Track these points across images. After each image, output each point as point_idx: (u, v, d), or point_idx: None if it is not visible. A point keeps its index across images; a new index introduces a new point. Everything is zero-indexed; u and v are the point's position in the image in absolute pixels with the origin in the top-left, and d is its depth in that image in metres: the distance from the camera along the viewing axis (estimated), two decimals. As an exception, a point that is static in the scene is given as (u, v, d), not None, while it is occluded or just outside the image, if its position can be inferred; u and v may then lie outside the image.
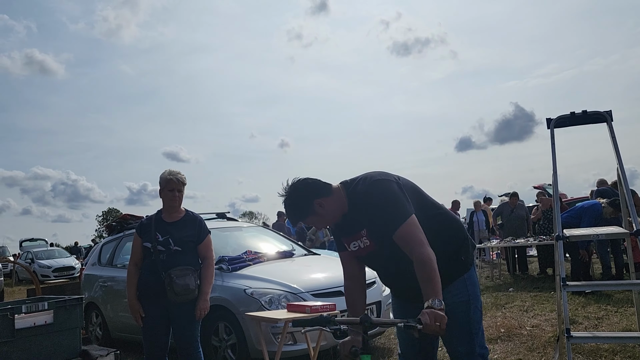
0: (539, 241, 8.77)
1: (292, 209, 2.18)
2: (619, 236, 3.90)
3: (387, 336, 5.43)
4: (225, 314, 4.46)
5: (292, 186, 2.17)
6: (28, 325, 2.97)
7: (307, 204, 2.15)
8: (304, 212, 2.17)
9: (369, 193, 2.15)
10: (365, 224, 2.18)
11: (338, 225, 2.29)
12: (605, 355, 4.18)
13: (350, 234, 2.25)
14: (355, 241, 2.24)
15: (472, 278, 2.28)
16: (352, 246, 2.26)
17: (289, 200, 2.17)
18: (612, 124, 3.65)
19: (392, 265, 2.24)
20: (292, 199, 2.16)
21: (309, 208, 2.15)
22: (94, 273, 6.29)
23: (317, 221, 2.22)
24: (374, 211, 2.12)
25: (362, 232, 2.20)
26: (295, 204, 2.17)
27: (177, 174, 3.53)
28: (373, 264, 2.33)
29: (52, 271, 18.92)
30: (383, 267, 2.33)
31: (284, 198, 2.18)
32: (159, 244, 3.42)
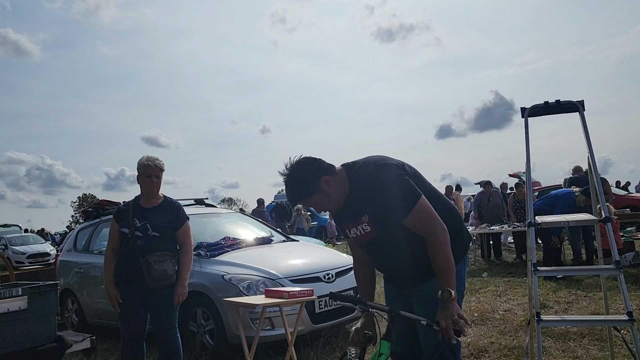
0: (513, 228, 8.95)
1: (298, 184, 2.07)
2: (589, 223, 4.01)
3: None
4: (203, 299, 4.47)
5: (298, 162, 2.08)
6: (2, 311, 2.93)
7: (314, 180, 2.07)
8: (310, 189, 2.07)
9: (374, 178, 2.08)
10: (367, 209, 2.13)
11: (339, 212, 2.24)
12: (574, 338, 4.33)
13: (350, 220, 2.21)
14: (355, 227, 2.21)
15: (459, 271, 2.19)
16: (352, 233, 2.23)
17: (294, 175, 2.08)
18: (584, 113, 3.72)
19: (388, 253, 2.23)
20: (298, 174, 2.07)
21: (315, 185, 2.07)
22: (69, 259, 6.21)
23: (322, 201, 2.12)
24: (379, 196, 2.06)
25: (363, 218, 2.16)
26: (301, 180, 2.07)
27: (155, 159, 3.50)
28: (370, 251, 2.30)
29: (27, 257, 18.60)
30: (379, 256, 2.30)
31: (287, 175, 2.09)
32: (136, 230, 3.41)
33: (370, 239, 2.19)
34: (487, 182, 10.60)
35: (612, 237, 3.19)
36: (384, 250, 2.23)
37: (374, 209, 2.11)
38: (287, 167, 2.10)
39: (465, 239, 2.32)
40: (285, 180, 2.11)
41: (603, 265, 4.02)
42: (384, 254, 2.26)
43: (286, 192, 2.15)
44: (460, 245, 2.25)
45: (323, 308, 4.54)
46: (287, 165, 2.10)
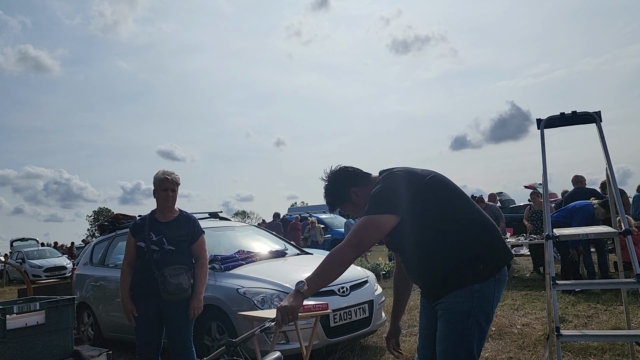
0: (530, 240, 8.83)
1: (329, 194, 2.31)
2: (608, 235, 3.94)
3: (379, 335, 5.46)
4: (217, 313, 4.46)
5: (332, 173, 2.31)
6: (20, 325, 2.96)
7: (344, 192, 2.28)
8: (340, 199, 2.29)
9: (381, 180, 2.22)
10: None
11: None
12: (595, 353, 4.24)
13: None
14: None
15: (485, 291, 2.06)
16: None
17: (328, 186, 2.31)
18: (601, 124, 3.68)
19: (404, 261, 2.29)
20: (330, 185, 2.30)
21: (345, 195, 2.28)
22: (85, 273, 6.27)
23: (351, 209, 2.32)
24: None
25: None
26: (332, 190, 2.30)
27: (171, 173, 3.53)
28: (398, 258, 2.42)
29: (44, 271, 18.78)
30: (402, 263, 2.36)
31: (325, 183, 2.32)
32: (152, 244, 3.43)
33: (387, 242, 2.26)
34: (479, 199, 10.57)
35: (632, 250, 3.13)
36: (401, 257, 2.32)
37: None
38: (326, 175, 2.33)
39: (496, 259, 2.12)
40: (324, 187, 2.33)
41: (624, 278, 3.94)
42: (402, 262, 2.32)
43: (325, 199, 2.36)
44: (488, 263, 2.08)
45: (338, 322, 4.51)
46: (326, 174, 2.33)
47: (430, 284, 2.20)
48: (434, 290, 2.19)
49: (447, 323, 2.08)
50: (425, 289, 2.29)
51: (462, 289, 2.05)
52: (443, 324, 2.11)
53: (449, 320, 2.07)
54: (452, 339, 2.07)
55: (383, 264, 11.33)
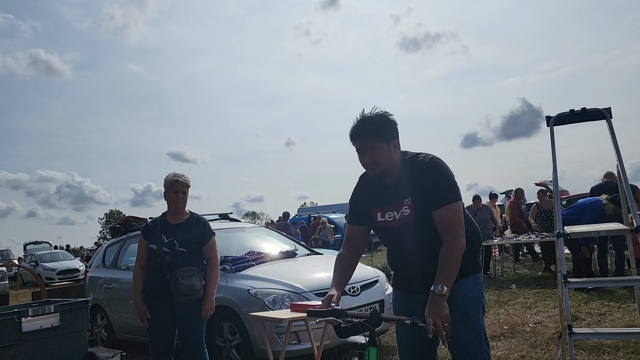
0: (541, 238, 8.78)
1: (377, 124, 2.11)
2: (620, 232, 3.92)
3: (390, 334, 5.45)
4: (229, 314, 4.49)
5: (386, 112, 2.15)
6: (35, 328, 3.00)
7: (390, 133, 2.13)
8: (383, 135, 2.11)
9: (429, 163, 2.14)
10: (413, 191, 2.15)
11: (376, 194, 2.26)
12: (608, 351, 4.20)
13: (390, 202, 2.22)
14: (393, 211, 2.21)
15: (481, 279, 2.33)
16: (387, 216, 2.22)
17: (379, 116, 2.12)
18: (611, 121, 3.66)
19: (416, 245, 2.20)
20: (383, 118, 2.12)
21: (388, 136, 2.13)
22: (98, 275, 6.33)
23: (382, 154, 2.13)
24: (431, 179, 2.11)
25: (405, 201, 2.17)
26: (382, 123, 2.12)
27: (182, 176, 3.56)
28: (397, 239, 2.27)
29: (57, 274, 18.97)
30: (406, 248, 2.24)
31: (371, 113, 2.13)
32: (164, 246, 3.46)
33: (405, 223, 2.17)
34: (476, 197, 10.56)
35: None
36: (414, 241, 2.20)
37: (419, 192, 2.13)
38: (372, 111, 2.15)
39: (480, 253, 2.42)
40: (365, 115, 2.14)
41: (637, 276, 3.91)
42: (412, 246, 2.22)
43: (359, 125, 2.13)
44: (479, 256, 2.33)
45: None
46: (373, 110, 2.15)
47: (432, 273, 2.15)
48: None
49: (459, 307, 2.13)
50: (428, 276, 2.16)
51: (470, 277, 2.22)
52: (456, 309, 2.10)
53: (460, 304, 2.15)
54: (470, 327, 2.19)
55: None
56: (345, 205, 15.32)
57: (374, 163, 2.14)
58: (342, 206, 23.31)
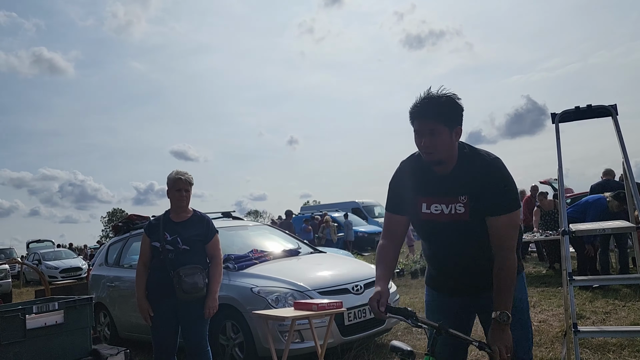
0: (546, 236, 8.75)
1: (445, 106, 1.93)
2: (625, 230, 3.90)
3: (394, 333, 5.44)
4: (232, 312, 4.48)
5: (455, 95, 1.98)
6: (39, 325, 3.00)
7: (456, 118, 1.96)
8: (448, 118, 1.93)
9: (494, 164, 2.00)
10: (472, 190, 1.99)
11: (425, 182, 2.07)
12: (613, 349, 4.18)
13: (441, 194, 2.03)
14: (442, 204, 2.03)
15: (524, 276, 2.22)
16: (434, 208, 2.05)
17: (448, 98, 1.95)
18: (617, 118, 3.64)
19: (465, 247, 2.06)
20: (451, 101, 1.95)
21: (453, 122, 1.95)
22: (101, 273, 6.33)
23: (443, 139, 1.95)
24: (493, 182, 1.96)
25: (461, 198, 2.00)
26: (449, 106, 1.94)
27: (185, 174, 3.56)
28: (441, 236, 2.09)
29: (60, 272, 19.01)
30: (449, 245, 2.08)
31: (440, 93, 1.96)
32: (167, 243, 3.45)
33: (456, 221, 2.01)
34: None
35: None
36: (464, 242, 2.05)
37: (477, 192, 1.98)
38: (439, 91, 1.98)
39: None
40: (432, 94, 1.96)
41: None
42: (461, 247, 2.06)
43: (422, 103, 1.96)
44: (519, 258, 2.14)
45: (352, 320, 4.50)
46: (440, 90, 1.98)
47: (479, 274, 2.07)
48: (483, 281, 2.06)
49: (515, 312, 2.02)
50: (473, 278, 2.10)
51: (518, 276, 2.10)
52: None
53: (516, 309, 2.04)
54: (522, 331, 2.11)
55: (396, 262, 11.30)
56: (348, 204, 15.47)
57: (432, 147, 1.95)
58: (345, 204, 23.30)
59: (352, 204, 24.00)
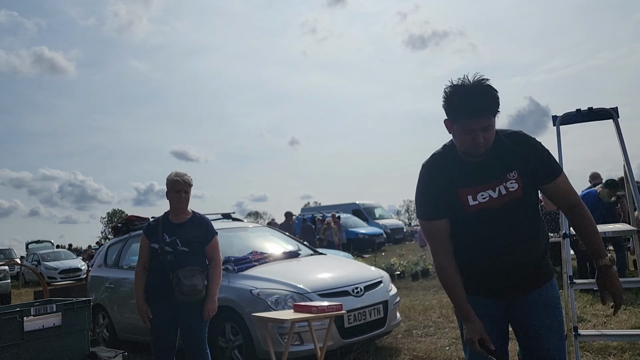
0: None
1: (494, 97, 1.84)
2: (626, 234, 3.88)
3: (394, 336, 5.42)
4: (231, 314, 4.47)
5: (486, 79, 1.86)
6: (37, 327, 2.98)
7: (496, 107, 1.86)
8: (494, 109, 1.84)
9: (527, 136, 1.97)
10: (518, 164, 1.91)
11: (464, 174, 1.95)
12: (614, 353, 4.16)
13: (487, 180, 1.92)
14: (488, 189, 1.92)
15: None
16: (481, 197, 1.92)
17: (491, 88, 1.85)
18: (618, 120, 3.63)
19: (519, 228, 1.93)
20: (494, 88, 1.86)
21: (496, 110, 1.86)
22: (100, 275, 6.31)
23: (493, 132, 1.87)
24: (535, 151, 1.92)
25: (510, 175, 1.91)
26: (492, 96, 1.84)
27: (183, 175, 3.54)
28: (493, 225, 1.93)
29: (59, 273, 18.99)
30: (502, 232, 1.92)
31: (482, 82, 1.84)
32: (166, 245, 3.44)
33: (510, 202, 1.90)
34: None
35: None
36: (518, 223, 1.92)
37: (524, 165, 1.91)
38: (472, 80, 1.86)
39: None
40: (478, 88, 1.83)
41: (643, 277, 3.87)
42: (515, 230, 1.92)
43: (476, 101, 1.81)
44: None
45: (352, 323, 4.48)
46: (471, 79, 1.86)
47: (537, 265, 1.99)
48: (535, 276, 1.99)
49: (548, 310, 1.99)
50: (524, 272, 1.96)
51: (554, 276, 2.08)
52: (545, 313, 1.99)
53: (549, 305, 2.00)
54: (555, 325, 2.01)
55: (397, 264, 11.28)
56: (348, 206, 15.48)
57: (484, 143, 1.85)
58: (346, 206, 23.30)
59: (353, 205, 24.01)
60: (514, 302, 2.03)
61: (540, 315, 1.98)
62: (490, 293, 2.01)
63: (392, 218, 28.69)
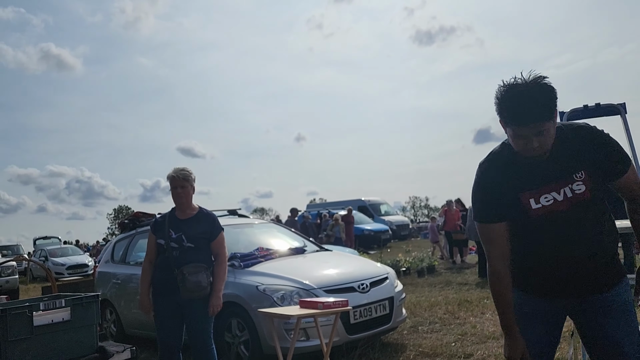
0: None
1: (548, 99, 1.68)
2: (630, 230, 3.86)
3: (399, 332, 5.43)
4: (237, 310, 4.49)
5: (543, 77, 1.71)
6: (46, 322, 3.01)
7: (554, 105, 1.71)
8: (552, 111, 1.69)
9: (594, 130, 1.81)
10: (584, 164, 1.78)
11: (524, 176, 1.82)
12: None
13: (550, 181, 1.80)
14: (552, 192, 1.80)
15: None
16: (544, 200, 1.80)
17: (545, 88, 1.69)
18: (626, 116, 3.61)
19: (588, 231, 1.80)
20: (549, 89, 1.69)
21: (555, 110, 1.72)
22: (107, 270, 6.36)
23: (550, 135, 1.72)
24: (603, 146, 1.77)
25: (577, 175, 1.78)
26: (551, 96, 1.69)
27: (180, 170, 3.53)
28: (557, 229, 1.80)
29: (66, 269, 19.11)
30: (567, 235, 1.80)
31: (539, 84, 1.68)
32: (172, 241, 3.46)
33: (577, 204, 1.77)
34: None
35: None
36: (586, 226, 1.80)
37: (593, 162, 1.77)
38: (526, 79, 1.71)
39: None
40: (531, 91, 1.67)
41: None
42: (583, 233, 1.79)
43: (526, 107, 1.67)
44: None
45: (358, 319, 4.50)
46: (526, 77, 1.71)
47: (601, 269, 1.84)
48: (603, 277, 1.85)
49: (624, 313, 1.84)
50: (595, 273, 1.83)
51: (626, 275, 1.91)
52: (621, 317, 1.84)
53: (625, 310, 1.85)
54: (632, 330, 1.86)
55: (403, 261, 11.27)
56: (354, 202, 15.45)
57: (540, 148, 1.72)
58: (351, 202, 23.28)
59: (359, 201, 23.99)
60: (581, 304, 1.89)
61: (618, 317, 1.83)
62: (551, 294, 1.89)
63: (397, 214, 28.66)
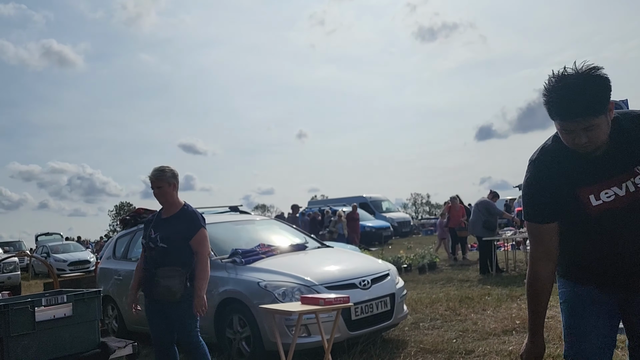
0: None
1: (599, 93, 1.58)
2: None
3: (401, 328, 5.44)
4: (239, 306, 4.49)
5: (596, 68, 1.60)
6: (48, 317, 3.01)
7: (606, 99, 1.60)
8: (605, 105, 1.59)
9: None
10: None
11: (581, 171, 1.74)
12: (621, 346, 4.14)
13: (610, 176, 1.71)
14: (614, 187, 1.71)
15: None
16: (604, 196, 1.71)
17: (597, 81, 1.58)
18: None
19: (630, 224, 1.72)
20: (601, 81, 1.59)
21: (606, 105, 1.60)
22: (109, 266, 6.37)
23: (602, 130, 1.62)
24: None
25: (638, 169, 1.69)
26: (603, 89, 1.59)
27: (155, 170, 3.47)
28: (619, 226, 1.73)
29: (68, 265, 19.15)
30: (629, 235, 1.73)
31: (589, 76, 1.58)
32: (150, 241, 3.44)
33: (636, 200, 1.70)
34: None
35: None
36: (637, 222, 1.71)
37: None
38: (578, 69, 1.61)
39: None
40: (579, 85, 1.58)
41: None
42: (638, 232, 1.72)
43: (573, 101, 1.58)
44: None
45: (359, 315, 4.50)
46: (578, 67, 1.61)
47: None
48: None
49: None
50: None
51: None
52: None
53: None
54: None
55: (404, 258, 11.28)
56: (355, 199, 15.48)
57: (590, 143, 1.64)
58: (353, 199, 23.28)
59: (360, 198, 23.99)
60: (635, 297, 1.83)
61: None
62: (607, 288, 1.84)
63: (399, 211, 28.66)
